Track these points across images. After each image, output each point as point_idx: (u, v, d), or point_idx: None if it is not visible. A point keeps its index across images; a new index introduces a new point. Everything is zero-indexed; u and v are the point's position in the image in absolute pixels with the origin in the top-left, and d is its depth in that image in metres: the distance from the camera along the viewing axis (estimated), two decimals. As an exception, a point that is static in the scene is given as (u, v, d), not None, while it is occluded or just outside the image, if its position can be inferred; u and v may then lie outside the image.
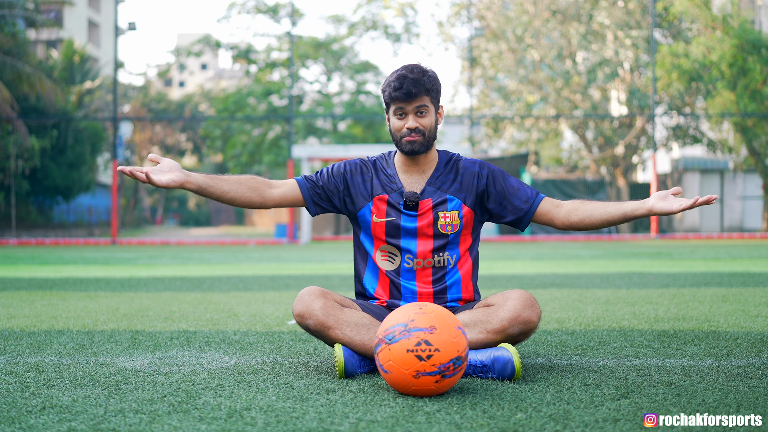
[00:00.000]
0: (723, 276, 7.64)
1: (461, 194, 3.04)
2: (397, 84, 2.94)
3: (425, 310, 2.55)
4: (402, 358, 2.47)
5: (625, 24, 24.30)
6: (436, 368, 2.45)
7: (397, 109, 2.97)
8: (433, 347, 2.46)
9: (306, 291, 2.91)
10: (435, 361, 2.45)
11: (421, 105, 2.95)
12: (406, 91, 2.92)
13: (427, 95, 2.96)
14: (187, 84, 69.48)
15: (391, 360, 2.49)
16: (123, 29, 25.38)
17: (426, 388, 2.47)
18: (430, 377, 2.45)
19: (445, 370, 2.46)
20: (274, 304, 5.43)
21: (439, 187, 3.04)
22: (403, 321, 2.53)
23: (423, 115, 2.96)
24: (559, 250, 14.93)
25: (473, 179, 3.05)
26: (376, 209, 3.04)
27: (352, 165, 3.12)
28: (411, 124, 2.95)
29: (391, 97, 2.95)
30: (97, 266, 10.44)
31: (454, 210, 3.02)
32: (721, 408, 2.31)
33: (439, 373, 2.45)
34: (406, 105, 2.94)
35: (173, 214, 54.34)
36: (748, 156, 24.36)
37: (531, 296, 2.86)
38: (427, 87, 2.94)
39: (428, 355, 2.45)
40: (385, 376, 2.53)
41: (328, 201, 3.11)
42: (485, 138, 28.01)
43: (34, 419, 2.21)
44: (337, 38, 29.99)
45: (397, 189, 3.05)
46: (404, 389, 2.50)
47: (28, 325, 4.30)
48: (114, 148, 22.97)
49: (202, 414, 2.27)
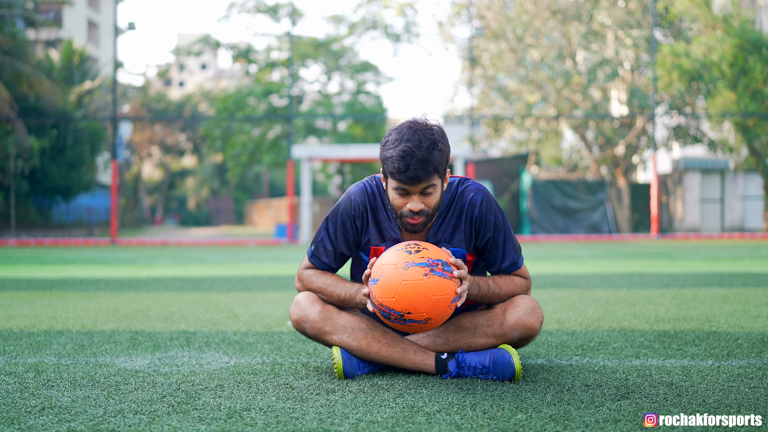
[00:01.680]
0: (724, 276, 7.63)
1: (465, 244, 2.82)
2: (402, 165, 2.55)
3: (418, 242, 2.66)
4: (392, 257, 2.54)
5: (625, 24, 24.29)
6: (425, 260, 2.51)
7: (399, 187, 2.62)
8: (422, 246, 2.57)
9: (303, 296, 2.89)
10: (424, 255, 2.53)
11: (429, 185, 2.61)
12: (413, 175, 2.56)
13: (436, 173, 2.59)
14: (187, 84, 69.48)
15: (381, 263, 2.55)
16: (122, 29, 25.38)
17: (415, 282, 2.48)
18: (419, 268, 2.50)
19: (434, 265, 2.51)
20: (274, 304, 5.42)
21: (442, 238, 2.81)
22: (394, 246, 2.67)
23: (429, 195, 2.64)
24: (560, 251, 14.92)
25: (473, 224, 2.80)
26: (373, 256, 2.86)
27: (348, 214, 2.82)
28: (415, 206, 2.63)
29: (393, 177, 2.60)
30: (96, 266, 10.44)
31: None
32: (721, 408, 2.30)
33: (427, 266, 2.50)
34: (411, 187, 2.61)
35: (173, 214, 54.33)
36: (749, 156, 24.35)
37: (534, 302, 2.83)
38: (436, 165, 2.57)
39: (417, 251, 2.54)
40: (376, 287, 2.55)
41: (346, 256, 2.94)
42: (485, 138, 27.99)
43: (34, 420, 2.21)
44: (337, 38, 29.99)
45: (396, 238, 2.83)
46: (394, 290, 2.50)
47: (28, 325, 4.29)
48: (114, 148, 22.97)
49: (201, 414, 2.27)
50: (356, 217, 2.83)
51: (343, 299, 2.80)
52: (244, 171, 32.14)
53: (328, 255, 2.87)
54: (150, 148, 45.70)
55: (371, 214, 2.83)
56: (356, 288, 2.78)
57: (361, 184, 2.86)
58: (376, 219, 2.83)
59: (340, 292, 2.80)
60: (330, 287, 2.83)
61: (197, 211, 56.04)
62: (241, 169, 30.70)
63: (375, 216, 2.83)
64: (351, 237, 2.86)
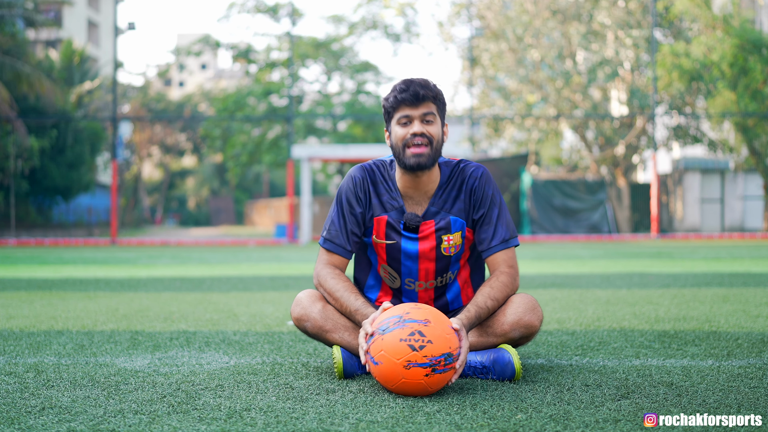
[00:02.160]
0: (724, 276, 7.63)
1: (465, 214, 2.88)
2: (404, 86, 2.74)
3: (420, 306, 2.57)
4: (394, 348, 2.45)
5: (625, 24, 24.29)
6: (428, 360, 2.43)
7: (402, 117, 2.75)
8: (426, 338, 2.45)
9: (304, 294, 2.89)
10: (427, 353, 2.44)
11: (428, 112, 2.74)
12: (414, 92, 2.72)
13: (434, 103, 2.76)
14: (187, 84, 69.48)
15: (383, 350, 2.47)
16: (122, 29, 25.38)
17: (415, 381, 2.44)
18: (421, 369, 2.43)
19: (436, 364, 2.44)
20: (274, 304, 5.42)
21: (442, 206, 2.88)
22: (398, 314, 2.53)
23: (430, 123, 2.75)
24: (560, 251, 14.92)
25: (472, 195, 2.87)
26: (375, 230, 2.91)
27: (351, 190, 2.90)
28: (418, 129, 2.73)
29: (397, 101, 2.74)
30: (96, 266, 10.44)
31: (458, 231, 2.89)
32: (721, 408, 2.30)
33: (429, 366, 2.44)
34: (412, 110, 2.74)
35: (173, 214, 54.34)
36: (749, 156, 24.35)
37: (533, 300, 2.83)
38: (435, 93, 2.75)
39: (421, 346, 2.44)
40: (375, 369, 2.50)
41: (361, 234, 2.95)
42: (485, 138, 27.99)
43: (34, 420, 2.21)
44: (337, 38, 29.99)
45: (397, 206, 2.89)
46: (393, 382, 2.46)
47: (28, 325, 4.29)
48: (113, 148, 22.97)
49: (201, 414, 2.27)
50: (358, 190, 2.90)
51: (345, 311, 2.80)
52: (244, 171, 32.14)
53: (340, 235, 2.89)
54: (150, 148, 45.71)
55: (372, 186, 2.91)
56: (360, 307, 2.75)
57: (360, 165, 2.98)
58: (377, 192, 2.90)
59: (345, 303, 2.79)
60: (337, 293, 2.81)
61: (197, 211, 56.05)
62: (241, 169, 30.70)
63: (376, 189, 2.91)
64: (358, 213, 2.90)
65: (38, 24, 25.02)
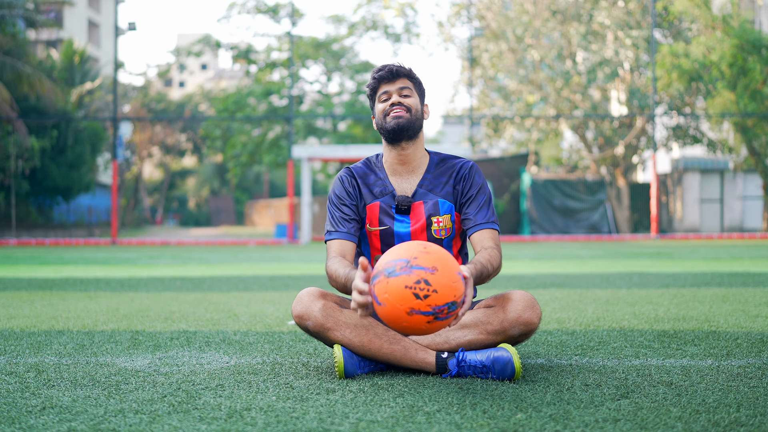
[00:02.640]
0: (723, 276, 7.64)
1: (453, 198, 3.01)
2: (380, 67, 2.98)
3: (429, 250, 2.52)
4: (399, 294, 2.44)
5: (625, 24, 24.30)
6: (431, 309, 2.44)
7: (382, 94, 2.96)
8: (431, 287, 2.44)
9: (305, 292, 2.91)
10: (431, 302, 2.43)
11: (405, 87, 2.96)
12: (389, 69, 2.95)
13: (410, 80, 2.97)
14: (187, 84, 69.49)
15: (388, 293, 2.46)
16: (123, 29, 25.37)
17: (416, 326, 2.46)
18: (423, 317, 2.44)
19: (439, 312, 2.45)
20: (274, 304, 5.43)
21: (431, 189, 3.00)
22: (406, 257, 2.49)
23: (407, 96, 2.96)
24: (560, 250, 14.93)
25: (461, 181, 3.01)
26: (369, 219, 3.01)
27: (339, 187, 3.04)
28: (395, 99, 2.94)
29: (375, 80, 2.96)
30: (97, 266, 10.44)
31: (447, 214, 2.99)
32: (721, 408, 2.31)
33: (432, 314, 2.44)
34: (390, 85, 2.95)
35: (173, 215, 54.34)
36: (748, 156, 24.36)
37: (532, 297, 2.86)
38: (408, 72, 2.97)
39: (425, 295, 2.43)
40: (378, 308, 2.49)
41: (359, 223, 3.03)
42: (485, 138, 28.00)
43: (34, 419, 2.21)
44: (337, 38, 29.99)
45: (388, 192, 3.01)
46: (395, 323, 2.48)
47: (28, 325, 4.30)
48: (114, 149, 22.98)
49: (202, 414, 2.27)
50: (346, 185, 3.02)
51: (343, 286, 2.81)
52: (244, 171, 32.13)
53: (339, 224, 2.98)
54: (150, 149, 45.70)
55: (360, 179, 3.04)
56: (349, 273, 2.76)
57: (345, 167, 3.13)
58: (366, 183, 3.03)
59: (341, 278, 2.80)
60: (335, 273, 2.83)
61: (197, 211, 56.05)
62: (241, 169, 30.70)
63: (364, 180, 3.04)
64: (350, 203, 3.01)
65: (39, 24, 25.01)
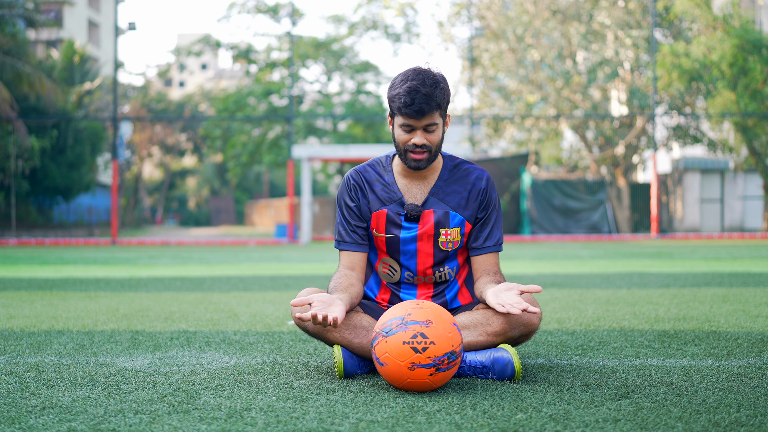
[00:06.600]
0: (723, 276, 7.63)
1: (465, 211, 2.94)
2: (408, 100, 2.75)
3: (422, 306, 2.61)
4: (398, 350, 2.52)
5: (625, 24, 24.29)
6: (431, 361, 2.50)
7: (404, 124, 2.81)
8: (428, 340, 2.51)
9: (305, 292, 2.90)
10: (430, 354, 2.50)
11: (431, 123, 2.80)
12: (418, 108, 2.75)
13: (438, 110, 2.80)
14: (187, 84, 69.50)
15: (388, 352, 2.54)
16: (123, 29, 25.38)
17: (420, 381, 2.51)
18: (425, 369, 2.50)
19: (440, 363, 2.50)
20: (274, 304, 5.42)
21: (443, 198, 2.94)
22: (400, 315, 2.58)
23: (432, 132, 2.82)
24: (560, 250, 14.92)
25: (479, 196, 2.95)
26: (375, 225, 2.97)
27: (347, 191, 2.99)
28: (419, 141, 2.80)
29: (400, 112, 2.79)
30: (97, 266, 10.44)
31: (456, 227, 2.94)
32: (721, 408, 2.31)
33: (433, 366, 2.50)
34: (415, 122, 2.79)
35: (173, 214, 54.35)
36: (749, 156, 24.36)
37: (532, 298, 2.86)
38: (439, 102, 2.77)
39: (424, 347, 2.50)
40: (381, 369, 2.56)
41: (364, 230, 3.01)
42: (485, 138, 27.98)
43: (34, 419, 2.21)
44: (337, 38, 29.99)
45: (396, 199, 2.95)
46: (399, 382, 2.53)
47: (28, 325, 4.29)
48: (114, 148, 22.98)
49: (202, 414, 2.27)
50: (352, 190, 2.98)
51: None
52: (245, 171, 32.14)
53: (348, 232, 2.98)
54: (150, 148, 45.72)
55: (367, 185, 2.98)
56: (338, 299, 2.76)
57: (354, 167, 3.05)
58: (373, 188, 2.97)
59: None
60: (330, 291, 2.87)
61: (197, 211, 56.06)
62: (241, 169, 30.70)
63: (371, 186, 2.98)
64: (354, 207, 2.98)
65: (39, 24, 25.02)
